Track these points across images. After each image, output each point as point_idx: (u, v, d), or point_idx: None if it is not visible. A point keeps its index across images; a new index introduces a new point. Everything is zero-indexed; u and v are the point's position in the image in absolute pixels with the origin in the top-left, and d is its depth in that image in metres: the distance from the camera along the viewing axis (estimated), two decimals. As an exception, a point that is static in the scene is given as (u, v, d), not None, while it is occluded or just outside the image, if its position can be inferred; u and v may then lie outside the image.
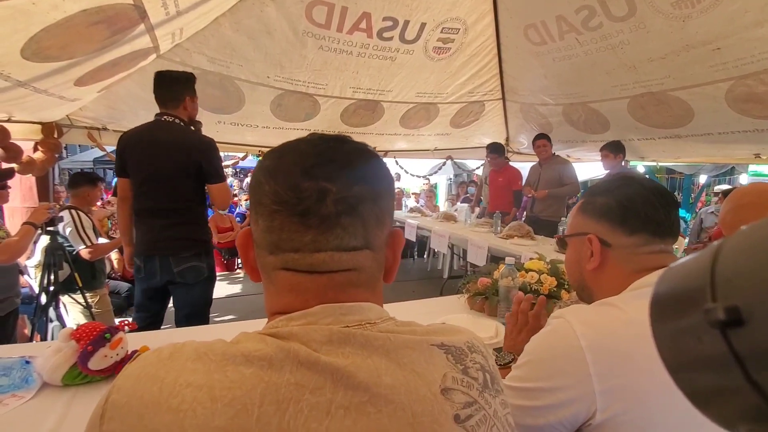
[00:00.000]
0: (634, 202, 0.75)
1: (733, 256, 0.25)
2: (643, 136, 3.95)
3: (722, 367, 0.23)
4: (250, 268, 0.49)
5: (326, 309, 0.43)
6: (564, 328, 0.67)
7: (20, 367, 0.90)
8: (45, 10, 1.36)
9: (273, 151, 0.47)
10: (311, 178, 0.43)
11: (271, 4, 2.95)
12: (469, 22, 3.62)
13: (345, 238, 0.43)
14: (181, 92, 1.96)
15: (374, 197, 0.45)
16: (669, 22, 2.72)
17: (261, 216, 0.44)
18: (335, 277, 0.44)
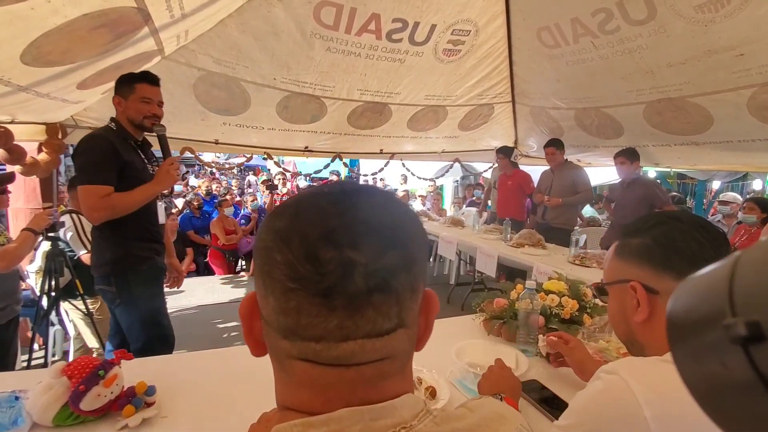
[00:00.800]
0: (675, 240, 0.67)
1: (751, 269, 0.24)
2: (658, 143, 3.85)
3: (746, 386, 0.22)
4: (254, 341, 0.40)
5: (353, 414, 0.35)
6: (621, 391, 0.58)
7: (9, 405, 0.83)
8: (44, 15, 1.29)
9: (286, 207, 0.38)
10: (334, 245, 0.34)
11: (278, 4, 2.88)
12: (481, 24, 3.53)
13: (378, 321, 0.35)
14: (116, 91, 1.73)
15: (409, 264, 0.37)
16: (691, 27, 2.62)
17: (272, 292, 0.36)
18: (365, 370, 0.36)
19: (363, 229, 0.35)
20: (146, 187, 1.73)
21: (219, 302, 4.25)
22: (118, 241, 1.72)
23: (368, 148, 5.04)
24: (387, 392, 0.37)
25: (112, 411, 0.87)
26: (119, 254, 1.72)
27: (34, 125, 3.20)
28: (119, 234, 1.72)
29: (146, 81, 1.72)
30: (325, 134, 4.47)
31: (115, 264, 1.72)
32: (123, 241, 1.72)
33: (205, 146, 4.26)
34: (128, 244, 1.74)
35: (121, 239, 1.72)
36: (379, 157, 5.25)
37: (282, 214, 0.38)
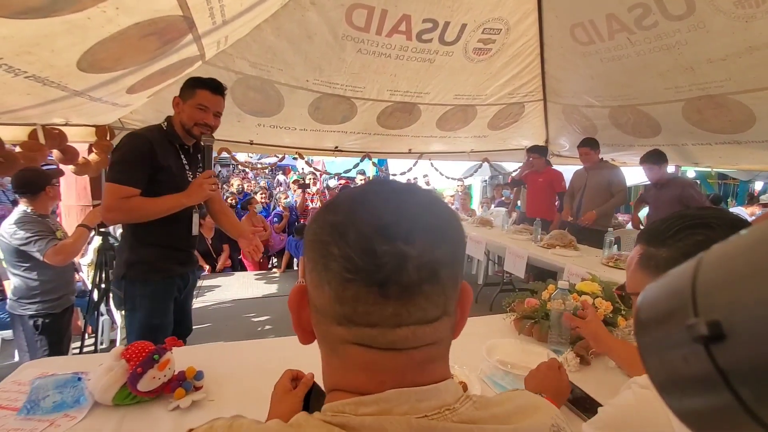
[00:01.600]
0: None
1: (713, 269, 0.25)
2: (698, 141, 3.70)
3: (709, 384, 0.23)
4: (302, 330, 0.44)
5: (401, 395, 0.38)
6: (654, 407, 0.59)
7: (72, 385, 0.92)
8: (100, 24, 1.39)
9: (339, 203, 0.41)
10: (389, 240, 0.37)
11: (311, 8, 2.96)
12: (512, 23, 3.49)
13: (428, 309, 0.38)
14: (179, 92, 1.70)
15: (453, 259, 0.40)
16: (731, 22, 2.52)
17: (328, 283, 0.38)
18: (415, 354, 0.39)
19: (414, 225, 0.38)
20: (173, 198, 1.62)
21: (253, 297, 4.39)
22: (137, 246, 1.65)
23: (397, 147, 5.08)
24: (433, 375, 0.40)
25: (165, 393, 0.94)
26: (134, 259, 1.65)
27: (85, 127, 3.41)
28: (141, 239, 1.65)
29: (208, 88, 1.65)
30: (354, 134, 4.54)
31: (129, 268, 1.65)
32: (144, 246, 1.65)
33: (240, 147, 4.41)
34: (147, 251, 1.65)
35: (141, 244, 1.65)
36: (407, 157, 5.28)
37: (337, 210, 0.40)
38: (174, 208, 1.63)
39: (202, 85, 1.65)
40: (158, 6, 1.47)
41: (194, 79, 1.67)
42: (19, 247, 2.12)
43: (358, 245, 0.37)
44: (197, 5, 1.64)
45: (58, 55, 1.45)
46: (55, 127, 2.93)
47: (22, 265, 2.17)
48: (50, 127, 2.87)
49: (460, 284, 0.43)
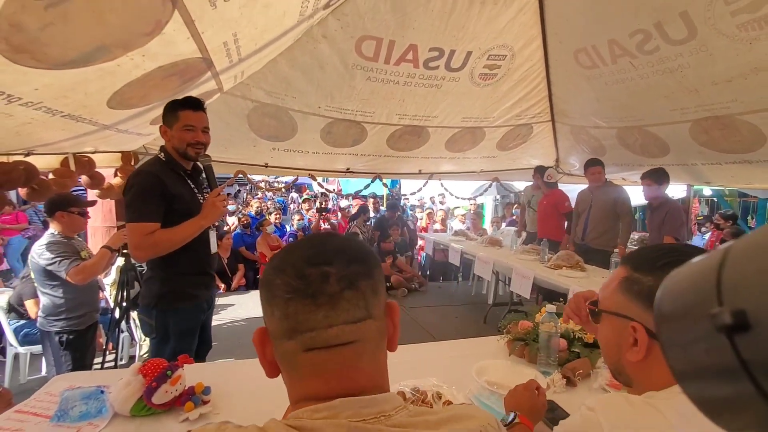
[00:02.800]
0: None
1: (741, 259, 0.24)
2: (708, 161, 3.70)
3: (730, 374, 0.23)
4: (267, 363, 0.54)
5: (347, 403, 0.48)
6: (593, 425, 0.64)
7: (95, 397, 1.03)
8: (128, 69, 1.55)
9: (277, 254, 0.55)
10: (314, 265, 0.50)
11: (323, 41, 3.13)
12: (516, 48, 3.61)
13: (351, 311, 0.50)
14: (165, 118, 1.71)
15: (367, 272, 0.52)
16: (734, 45, 2.56)
17: (276, 307, 0.50)
18: (347, 351, 0.50)
19: (332, 253, 0.52)
20: (192, 223, 1.66)
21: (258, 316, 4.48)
22: (168, 276, 1.69)
23: (407, 168, 5.19)
24: (365, 372, 0.51)
25: (176, 406, 1.04)
26: (167, 290, 1.68)
27: (111, 154, 3.63)
28: (171, 269, 1.68)
29: (189, 107, 1.66)
30: (365, 156, 4.68)
31: (161, 299, 1.68)
32: (174, 276, 1.69)
33: (256, 169, 4.60)
34: (178, 280, 1.70)
35: (172, 274, 1.69)
36: (417, 177, 5.38)
37: (275, 257, 0.55)
38: (195, 232, 1.68)
39: (182, 105, 1.67)
40: (179, 51, 1.63)
41: (172, 102, 1.70)
42: (46, 267, 2.28)
43: (293, 273, 0.50)
44: (215, 48, 1.80)
45: (91, 97, 1.62)
46: (85, 155, 3.14)
47: (50, 284, 2.33)
48: (80, 155, 3.09)
49: (383, 297, 0.54)
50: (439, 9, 3.09)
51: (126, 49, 1.39)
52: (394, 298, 4.86)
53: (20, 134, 1.72)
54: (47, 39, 1.11)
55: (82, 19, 1.12)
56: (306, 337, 0.49)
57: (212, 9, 1.45)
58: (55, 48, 1.16)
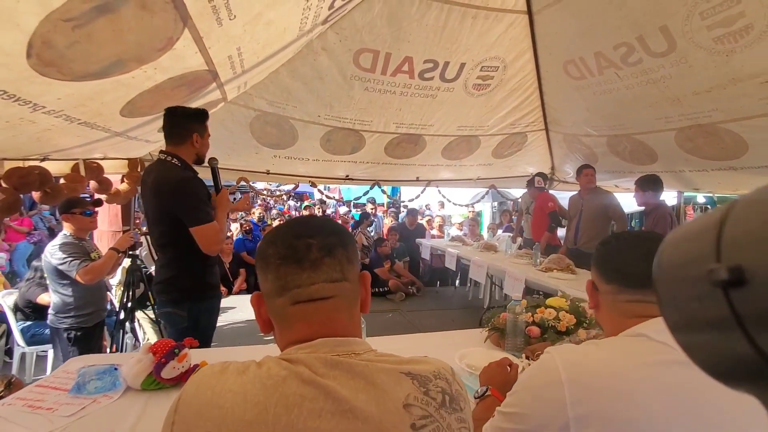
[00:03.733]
0: (610, 254, 0.86)
1: (741, 216, 0.24)
2: (695, 168, 3.82)
3: (724, 328, 0.23)
4: (262, 320, 0.68)
5: (325, 342, 0.60)
6: (549, 363, 0.78)
7: (110, 372, 1.14)
8: (141, 81, 1.70)
9: (269, 232, 0.69)
10: (299, 237, 0.64)
11: (323, 53, 3.29)
12: (508, 60, 3.76)
13: (329, 273, 0.63)
14: (188, 128, 1.84)
15: (342, 244, 0.65)
16: (712, 57, 2.69)
17: (269, 272, 0.64)
18: (327, 304, 0.63)
19: (314, 228, 0.66)
20: (221, 215, 1.87)
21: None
22: (199, 270, 1.84)
23: (405, 176, 5.33)
24: (342, 322, 0.64)
25: (182, 381, 1.15)
26: (197, 282, 1.84)
27: (118, 160, 3.78)
28: (201, 262, 1.82)
29: (207, 118, 1.89)
30: (364, 164, 4.82)
31: (192, 291, 1.82)
32: (204, 269, 1.86)
33: (258, 176, 4.74)
34: (206, 272, 1.88)
35: (202, 267, 1.85)
36: (415, 184, 5.51)
37: (268, 234, 0.69)
38: (224, 222, 1.92)
39: (206, 117, 1.91)
40: (187, 64, 1.77)
41: (202, 112, 1.88)
42: (58, 266, 2.40)
43: (282, 244, 0.64)
44: (221, 61, 1.94)
45: (107, 106, 1.76)
46: (94, 161, 3.29)
47: (61, 282, 2.45)
48: (90, 161, 3.24)
49: (356, 266, 0.67)
50: (432, 24, 3.25)
51: (140, 63, 1.53)
52: (392, 302, 4.96)
53: (40, 140, 1.86)
54: (73, 55, 1.25)
55: (103, 38, 1.26)
56: (293, 293, 0.62)
57: (219, 27, 1.59)
58: (78, 63, 1.30)
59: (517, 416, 0.78)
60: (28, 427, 0.91)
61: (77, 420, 0.97)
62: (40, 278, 2.90)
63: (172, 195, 1.76)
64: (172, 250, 1.84)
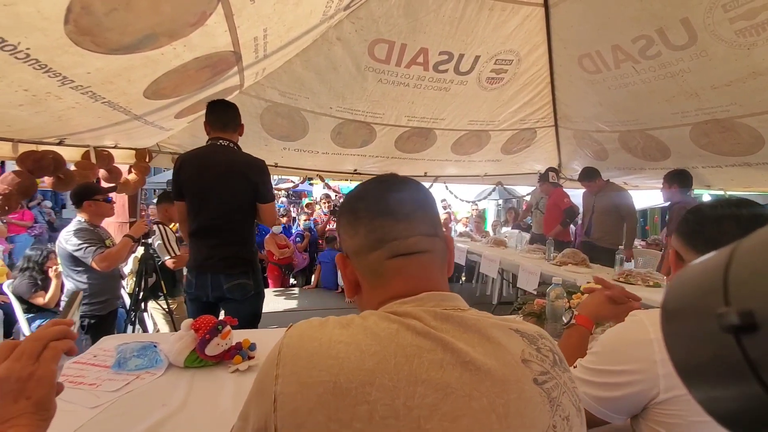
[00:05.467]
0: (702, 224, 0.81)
1: (748, 258, 0.24)
2: (708, 164, 3.81)
3: (737, 375, 0.22)
4: (348, 282, 0.65)
5: (431, 296, 0.57)
6: (638, 324, 0.78)
7: (151, 349, 1.10)
8: (169, 58, 1.65)
9: (356, 188, 0.67)
10: (390, 191, 0.63)
11: (337, 43, 3.25)
12: (522, 54, 3.74)
13: (424, 226, 0.61)
14: (237, 118, 2.07)
15: (431, 203, 0.66)
16: (733, 50, 2.68)
17: (361, 225, 0.61)
18: (425, 258, 0.60)
19: (402, 185, 0.65)
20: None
21: (274, 311, 4.56)
22: (255, 246, 2.14)
23: (413, 171, 5.29)
24: (439, 278, 0.62)
25: (225, 359, 1.11)
26: (256, 255, 2.14)
27: (125, 150, 3.72)
28: (254, 239, 2.14)
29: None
30: (373, 158, 4.79)
31: (254, 261, 2.08)
32: (255, 246, 2.16)
33: (266, 169, 4.69)
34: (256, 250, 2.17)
35: (255, 244, 2.15)
36: (423, 180, 5.48)
37: (354, 192, 0.67)
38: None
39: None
40: (216, 43, 1.73)
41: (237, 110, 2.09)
42: (73, 252, 2.36)
43: (374, 198, 0.63)
44: (246, 42, 1.91)
45: (132, 84, 1.72)
46: (105, 149, 3.24)
47: (75, 269, 2.40)
48: (101, 149, 3.18)
49: (441, 228, 0.66)
50: (449, 15, 3.22)
51: (171, 38, 1.49)
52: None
53: (61, 119, 1.82)
54: (110, 23, 1.21)
55: (141, 7, 1.22)
56: (391, 245, 0.60)
57: (251, 3, 1.56)
58: (114, 33, 1.26)
59: (605, 373, 0.78)
60: (74, 402, 0.87)
61: (124, 395, 0.93)
62: (32, 273, 2.83)
63: (261, 173, 2.01)
64: (244, 226, 2.04)
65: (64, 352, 0.53)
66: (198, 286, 1.99)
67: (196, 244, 2.02)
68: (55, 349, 0.52)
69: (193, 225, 2.00)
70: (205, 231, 1.98)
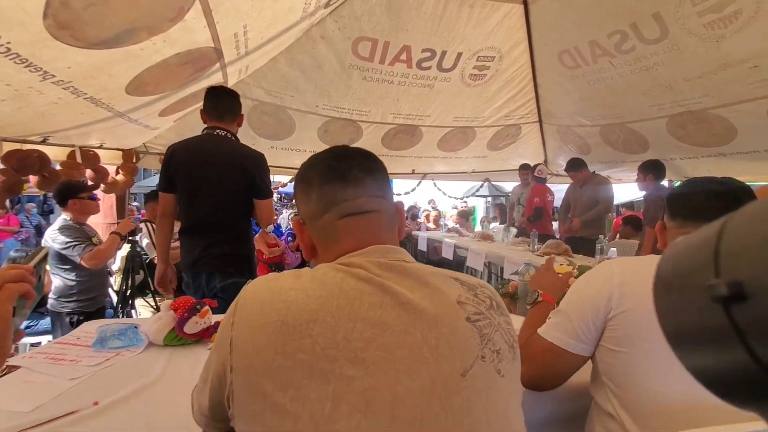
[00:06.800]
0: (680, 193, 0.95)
1: (738, 232, 0.25)
2: (685, 155, 3.91)
3: (726, 343, 0.23)
4: (305, 246, 0.70)
5: (376, 248, 0.63)
6: (605, 265, 0.88)
7: (131, 329, 1.14)
8: (149, 54, 1.69)
9: (307, 161, 0.72)
10: (340, 160, 0.68)
11: (321, 41, 3.31)
12: (504, 50, 3.82)
13: (371, 189, 0.66)
14: (237, 107, 1.95)
15: (381, 169, 0.70)
16: (703, 43, 2.77)
17: (313, 191, 0.66)
18: (374, 217, 0.66)
19: (353, 153, 0.70)
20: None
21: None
22: (252, 243, 2.04)
23: (401, 168, 5.36)
24: (387, 235, 0.67)
25: (204, 338, 1.16)
26: (253, 252, 2.03)
27: (113, 151, 3.74)
28: (251, 237, 2.04)
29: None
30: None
31: (251, 259, 1.98)
32: (252, 243, 2.06)
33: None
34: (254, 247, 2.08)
35: (252, 242, 2.05)
36: (411, 177, 5.55)
37: (309, 160, 0.71)
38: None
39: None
40: (196, 39, 1.77)
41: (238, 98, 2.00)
42: (60, 250, 2.38)
43: (324, 166, 0.68)
44: (226, 39, 1.95)
45: (114, 79, 1.75)
46: (91, 149, 3.25)
47: (63, 267, 2.42)
48: (86, 149, 3.20)
49: (391, 194, 0.72)
50: (430, 12, 3.29)
51: (151, 33, 1.53)
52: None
53: (44, 115, 1.84)
54: (88, 17, 1.25)
55: (118, 1, 1.27)
56: (341, 206, 0.65)
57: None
58: (92, 27, 1.30)
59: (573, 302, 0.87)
60: (53, 374, 0.91)
61: (102, 370, 0.97)
62: None
63: (260, 166, 1.90)
64: (240, 223, 1.93)
65: (21, 295, 0.54)
66: (194, 287, 1.88)
67: (190, 241, 1.89)
68: (10, 290, 0.53)
69: (186, 221, 1.90)
70: (200, 228, 1.86)
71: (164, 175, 1.88)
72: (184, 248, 1.92)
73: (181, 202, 1.89)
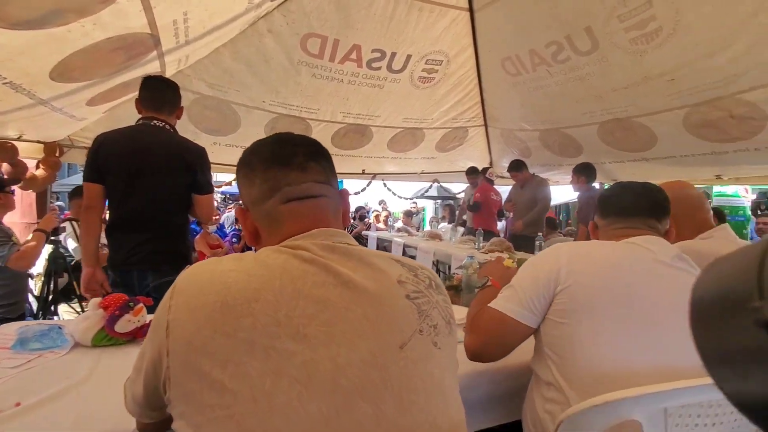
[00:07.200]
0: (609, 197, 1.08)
1: None
2: (614, 159, 4.25)
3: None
4: (249, 232, 0.68)
5: (321, 232, 0.63)
6: (555, 247, 0.96)
7: (54, 330, 1.04)
8: (77, 37, 1.57)
9: (250, 146, 0.70)
10: (283, 145, 0.67)
11: (268, 35, 3.22)
12: (451, 55, 3.94)
13: (315, 175, 0.66)
14: (176, 99, 1.85)
15: (324, 155, 0.70)
16: (628, 57, 3.03)
17: (256, 176, 0.65)
18: (318, 202, 0.65)
19: (297, 139, 0.69)
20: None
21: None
22: (189, 241, 1.96)
23: (351, 168, 5.35)
24: (331, 220, 0.66)
25: (138, 337, 1.08)
26: (190, 250, 1.94)
27: (33, 144, 3.40)
28: (188, 233, 1.97)
29: None
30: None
31: (188, 257, 1.86)
32: (189, 241, 1.98)
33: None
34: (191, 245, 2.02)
35: (189, 239, 1.98)
36: (361, 177, 5.56)
37: (249, 147, 0.69)
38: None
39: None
40: (130, 23, 1.66)
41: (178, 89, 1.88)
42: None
43: (268, 151, 0.67)
44: (165, 25, 1.85)
45: (36, 63, 1.60)
46: (8, 141, 2.94)
47: (-25, 271, 2.17)
48: (3, 141, 2.89)
49: (336, 180, 0.72)
50: (380, 13, 3.32)
51: (80, 14, 1.42)
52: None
53: (-49, 100, 1.65)
54: (5, -9, 1.14)
55: (40, -25, 1.16)
56: (285, 191, 0.64)
57: (167, -18, 1.53)
58: (16, 7, 1.19)
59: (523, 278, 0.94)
60: (-38, 381, 0.81)
61: (23, 372, 0.88)
62: None
63: (201, 160, 1.82)
64: (179, 218, 1.86)
65: None
66: (123, 286, 1.72)
67: (120, 237, 1.74)
68: None
69: (116, 214, 1.75)
70: (133, 223, 1.72)
71: (91, 167, 1.71)
72: (114, 245, 1.76)
73: (112, 195, 1.73)
